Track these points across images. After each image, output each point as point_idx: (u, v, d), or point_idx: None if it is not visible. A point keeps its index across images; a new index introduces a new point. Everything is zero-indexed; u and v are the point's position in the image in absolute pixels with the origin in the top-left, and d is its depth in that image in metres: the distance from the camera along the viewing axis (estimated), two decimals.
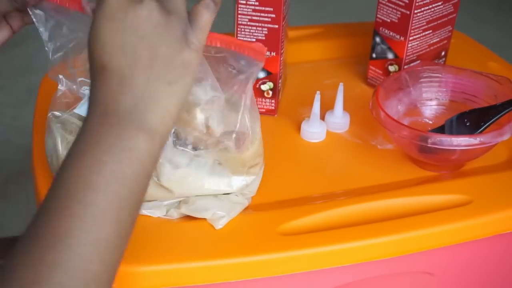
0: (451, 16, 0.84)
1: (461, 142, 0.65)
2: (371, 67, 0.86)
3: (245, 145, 0.61)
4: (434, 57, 0.86)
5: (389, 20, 0.81)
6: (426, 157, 0.70)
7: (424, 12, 0.79)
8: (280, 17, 0.74)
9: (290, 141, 0.76)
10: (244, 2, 0.73)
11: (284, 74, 0.83)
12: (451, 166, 0.71)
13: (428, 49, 0.84)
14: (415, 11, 0.78)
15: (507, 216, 0.64)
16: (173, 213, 0.61)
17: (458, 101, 0.77)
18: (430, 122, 0.78)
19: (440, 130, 0.73)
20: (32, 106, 0.79)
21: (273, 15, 0.73)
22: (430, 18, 0.81)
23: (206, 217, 0.60)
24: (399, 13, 0.79)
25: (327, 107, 0.77)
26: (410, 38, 0.80)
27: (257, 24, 0.75)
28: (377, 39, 0.83)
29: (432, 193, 0.66)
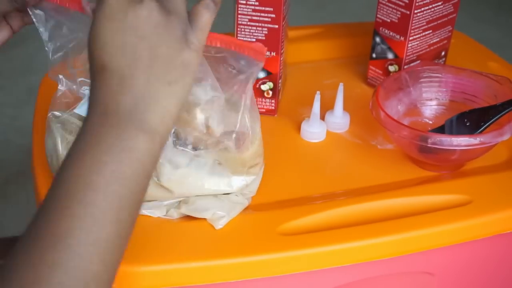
0: (451, 16, 0.84)
1: (461, 142, 0.65)
2: (371, 67, 0.86)
3: (245, 145, 0.61)
4: (434, 57, 0.86)
5: (389, 20, 0.81)
6: (426, 157, 0.70)
7: (424, 12, 0.79)
8: (280, 17, 0.74)
9: (290, 141, 0.76)
10: (244, 2, 0.73)
11: (284, 74, 0.83)
12: (451, 166, 0.71)
13: (428, 49, 0.84)
14: (415, 11, 0.78)
15: (507, 216, 0.64)
16: (173, 213, 0.61)
17: (458, 101, 0.77)
18: (430, 122, 0.78)
19: (440, 130, 0.73)
20: (32, 106, 0.79)
21: (273, 15, 0.73)
22: (430, 18, 0.81)
23: (206, 217, 0.61)
24: (399, 13, 0.79)
25: (327, 107, 0.77)
26: (410, 38, 0.80)
27: (257, 24, 0.75)
28: (377, 39, 0.83)
29: (432, 193, 0.66)
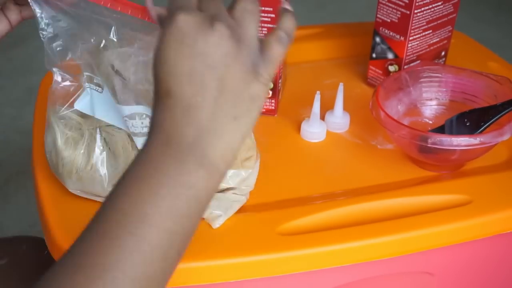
0: (451, 16, 0.84)
1: (461, 142, 0.65)
2: (371, 67, 0.86)
3: None
4: (434, 57, 0.86)
5: (389, 20, 0.81)
6: (426, 157, 0.69)
7: (424, 12, 0.79)
8: None
9: (290, 141, 0.76)
10: None
11: (284, 74, 0.83)
12: (451, 166, 0.71)
13: (428, 49, 0.84)
14: (415, 11, 0.78)
15: (507, 216, 0.64)
16: None
17: (458, 101, 0.77)
18: (430, 122, 0.78)
19: (440, 130, 0.73)
20: (32, 106, 0.79)
21: (273, 15, 0.73)
22: (430, 18, 0.81)
23: (203, 217, 0.60)
24: (399, 13, 0.79)
25: (327, 107, 0.77)
26: (410, 38, 0.80)
27: None
28: (377, 39, 0.83)
29: (432, 193, 0.66)
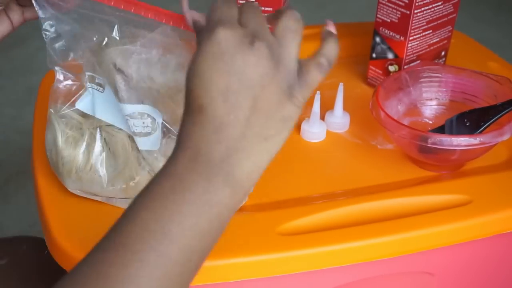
0: (451, 16, 0.84)
1: (461, 142, 0.65)
2: (371, 67, 0.86)
3: None
4: (434, 57, 0.86)
5: (389, 20, 0.81)
6: (426, 157, 0.69)
7: (424, 12, 0.79)
8: None
9: (290, 141, 0.75)
10: (244, 2, 0.73)
11: None
12: (451, 166, 0.71)
13: (428, 49, 0.84)
14: (415, 11, 0.78)
15: (507, 216, 0.64)
16: None
17: (458, 101, 0.77)
18: (430, 122, 0.78)
19: (440, 130, 0.73)
20: (32, 106, 0.79)
21: None
22: (430, 18, 0.81)
23: None
24: (399, 13, 0.79)
25: (327, 107, 0.77)
26: (410, 38, 0.80)
27: None
28: (377, 39, 0.83)
29: (432, 193, 0.66)
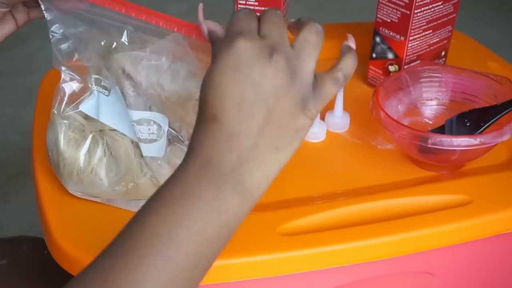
0: (451, 16, 0.84)
1: (461, 142, 0.65)
2: (371, 67, 0.86)
3: None
4: (434, 57, 0.86)
5: (389, 20, 0.81)
6: (426, 157, 0.69)
7: (424, 12, 0.79)
8: None
9: None
10: (244, 2, 0.73)
11: None
12: (451, 166, 0.71)
13: (428, 49, 0.84)
14: (415, 11, 0.78)
15: (507, 216, 0.64)
16: None
17: (458, 101, 0.77)
18: (430, 122, 0.78)
19: (440, 130, 0.73)
20: (32, 106, 0.79)
21: None
22: (430, 18, 0.81)
23: None
24: (399, 13, 0.79)
25: (327, 107, 0.77)
26: (410, 38, 0.80)
27: None
28: (377, 39, 0.83)
29: (432, 193, 0.66)
